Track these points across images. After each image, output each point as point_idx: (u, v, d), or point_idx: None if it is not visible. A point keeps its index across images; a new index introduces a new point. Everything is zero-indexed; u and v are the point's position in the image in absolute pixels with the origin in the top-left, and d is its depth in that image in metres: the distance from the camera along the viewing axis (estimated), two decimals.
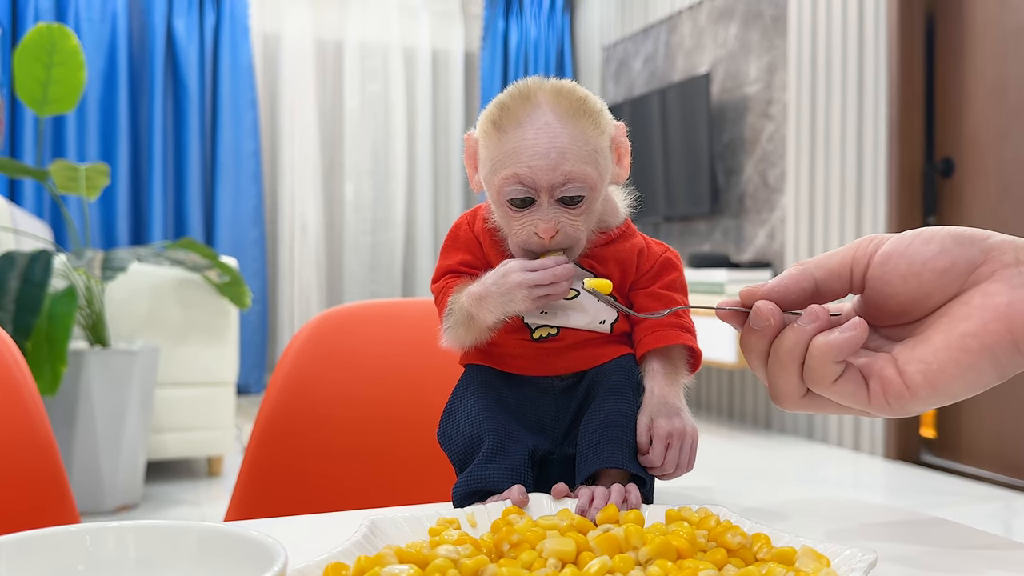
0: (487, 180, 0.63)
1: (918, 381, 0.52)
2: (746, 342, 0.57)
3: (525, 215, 0.61)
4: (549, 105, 0.61)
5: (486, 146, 0.63)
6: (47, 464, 0.93)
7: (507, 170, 0.61)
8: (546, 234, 0.61)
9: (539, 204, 0.61)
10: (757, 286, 0.56)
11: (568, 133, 0.61)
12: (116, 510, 2.75)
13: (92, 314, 2.80)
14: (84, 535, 0.45)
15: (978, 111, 3.36)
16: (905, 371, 0.52)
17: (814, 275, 0.55)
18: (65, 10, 4.79)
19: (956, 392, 0.51)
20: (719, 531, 0.50)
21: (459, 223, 0.69)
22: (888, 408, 0.53)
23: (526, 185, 0.60)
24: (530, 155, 0.60)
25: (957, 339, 0.51)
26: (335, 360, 1.03)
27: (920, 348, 0.53)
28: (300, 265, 5.43)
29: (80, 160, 4.74)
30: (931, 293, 0.53)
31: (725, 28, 4.50)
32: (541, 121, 0.61)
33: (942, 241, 0.53)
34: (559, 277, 0.59)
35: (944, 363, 0.51)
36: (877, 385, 0.53)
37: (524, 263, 0.60)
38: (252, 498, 0.98)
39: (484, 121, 0.64)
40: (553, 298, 0.60)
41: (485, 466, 0.61)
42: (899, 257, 0.53)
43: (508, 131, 0.61)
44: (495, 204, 0.64)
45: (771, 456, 3.68)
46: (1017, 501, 2.96)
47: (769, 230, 4.17)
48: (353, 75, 5.58)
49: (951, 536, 0.59)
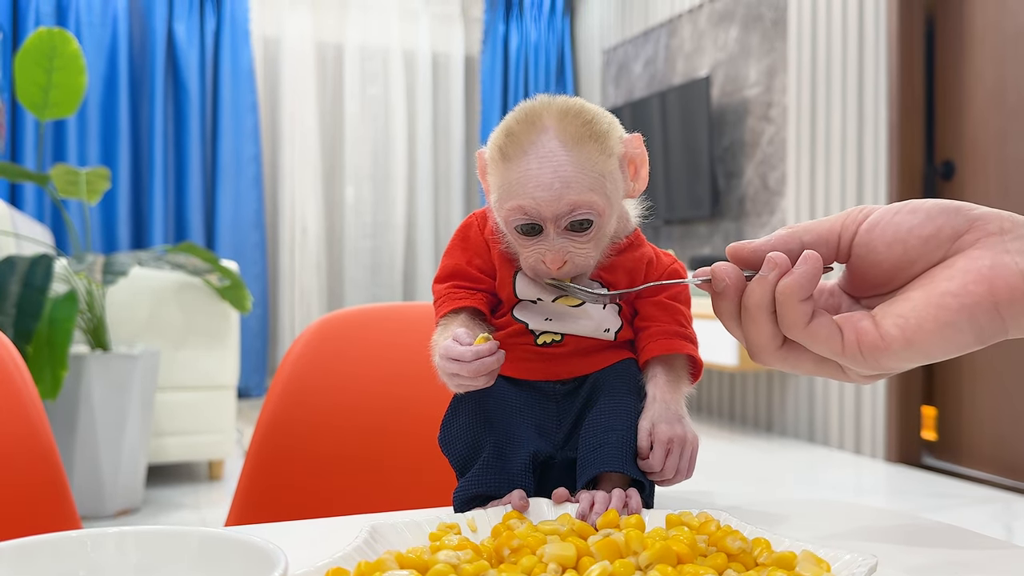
0: (496, 207, 0.63)
1: (894, 334, 0.52)
2: (716, 305, 0.57)
3: (534, 243, 0.62)
4: (555, 131, 0.61)
5: (493, 173, 0.63)
6: (48, 468, 0.93)
7: (512, 202, 0.61)
8: (553, 265, 0.61)
9: (546, 233, 0.61)
10: (744, 243, 0.57)
11: (573, 161, 0.60)
12: (117, 514, 2.75)
13: (93, 318, 2.80)
14: (85, 540, 0.45)
15: (978, 114, 3.36)
16: (882, 324, 0.52)
17: (802, 238, 0.56)
18: (66, 14, 4.80)
19: (932, 350, 0.51)
20: (719, 536, 0.50)
21: (469, 223, 0.69)
22: (862, 359, 0.53)
23: (531, 216, 0.61)
24: (534, 186, 0.60)
25: (937, 297, 0.51)
26: (336, 365, 1.03)
27: (899, 304, 0.53)
28: (301, 269, 5.44)
29: (81, 164, 4.74)
30: (915, 260, 0.53)
31: (725, 31, 4.51)
32: (545, 149, 0.60)
33: (928, 210, 0.53)
34: (476, 372, 0.59)
35: (922, 319, 0.51)
36: (852, 335, 0.53)
37: (449, 348, 0.59)
38: (253, 503, 0.98)
39: (492, 147, 0.63)
40: (474, 387, 0.60)
41: (486, 471, 0.61)
42: (885, 225, 0.54)
43: (513, 160, 0.61)
44: (505, 230, 0.64)
45: (772, 458, 3.68)
46: (1017, 503, 2.96)
47: (769, 233, 4.17)
48: (353, 79, 5.59)
49: (952, 540, 0.59)
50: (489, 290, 0.67)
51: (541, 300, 0.65)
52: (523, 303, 0.65)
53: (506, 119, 0.63)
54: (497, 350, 0.59)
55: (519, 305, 0.66)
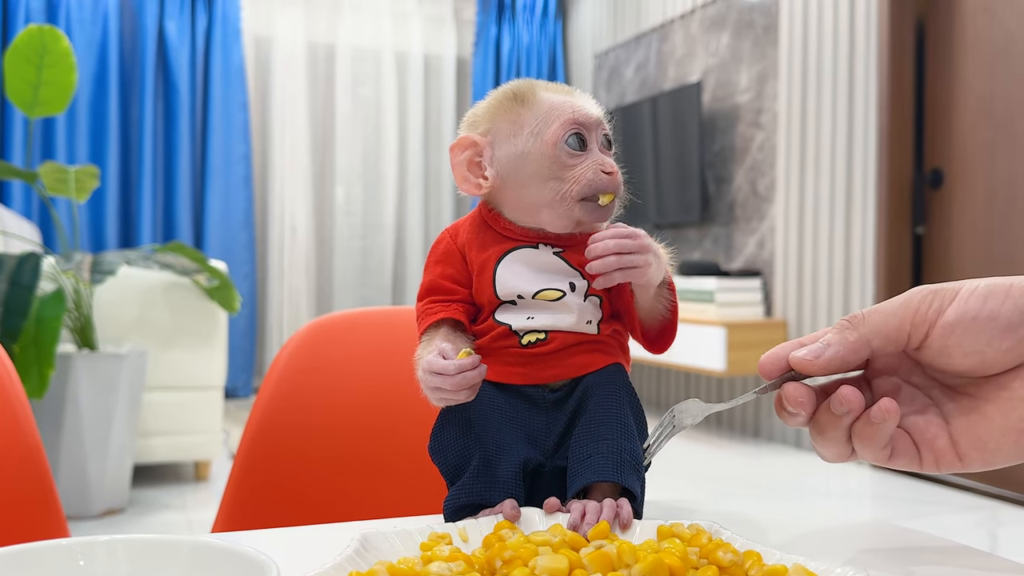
0: (531, 146, 0.65)
1: (972, 456, 0.52)
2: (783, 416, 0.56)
3: (583, 158, 0.64)
4: (547, 86, 0.67)
5: (513, 121, 0.66)
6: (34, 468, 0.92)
7: (562, 117, 0.64)
8: (613, 168, 0.64)
9: (590, 149, 0.65)
10: (813, 355, 0.54)
11: (580, 98, 0.67)
12: (102, 514, 2.74)
13: (80, 317, 2.79)
14: (75, 549, 0.45)
15: (967, 123, 3.38)
16: (959, 443, 0.53)
17: (871, 343, 0.54)
18: (56, 11, 4.78)
19: (1008, 463, 0.52)
20: (711, 548, 0.50)
21: (440, 238, 0.69)
22: (937, 471, 0.54)
23: (582, 125, 0.64)
24: (572, 105, 0.65)
25: (1016, 422, 0.51)
26: (325, 369, 1.03)
27: (977, 424, 0.53)
28: (290, 269, 5.42)
29: (70, 162, 4.72)
30: (992, 367, 0.52)
31: (717, 37, 4.52)
32: (557, 85, 0.67)
33: (1009, 318, 0.50)
34: (459, 386, 0.59)
35: (1000, 444, 0.52)
36: (930, 455, 0.54)
37: (432, 363, 0.60)
38: (241, 508, 0.98)
39: (498, 107, 0.67)
40: (455, 401, 0.61)
41: (476, 480, 0.61)
42: (963, 333, 0.51)
43: (536, 99, 0.66)
44: (546, 164, 0.64)
45: (759, 464, 3.69)
46: (1003, 511, 2.98)
47: (759, 239, 4.19)
48: (345, 79, 5.58)
49: (942, 552, 0.59)
50: (465, 300, 0.67)
51: (522, 298, 0.65)
52: (504, 305, 0.65)
53: (490, 98, 0.68)
54: (479, 364, 0.60)
55: (500, 307, 0.65)
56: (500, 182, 0.66)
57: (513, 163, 0.65)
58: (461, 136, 0.67)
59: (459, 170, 0.67)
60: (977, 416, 0.53)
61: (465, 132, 0.67)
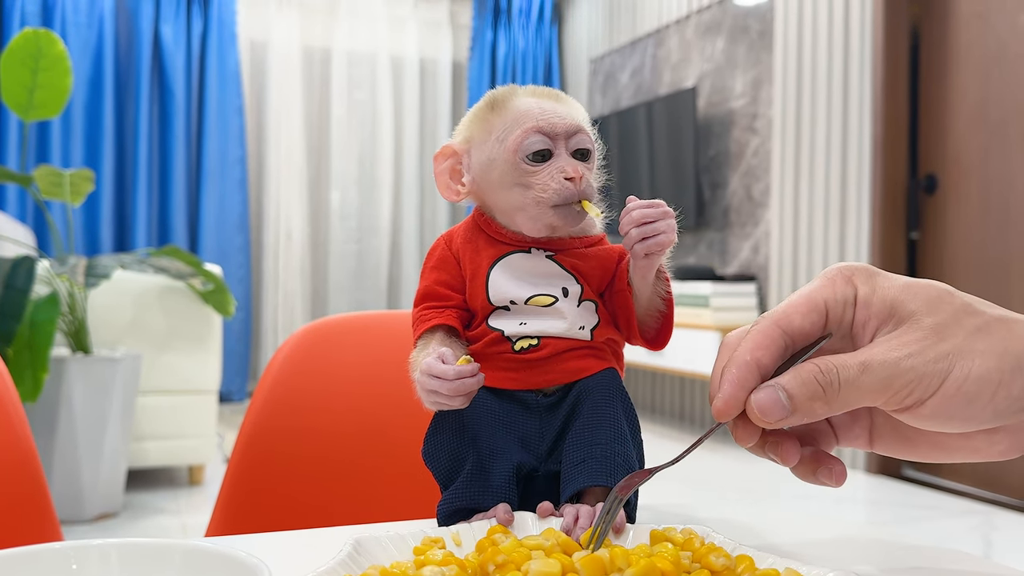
0: (496, 152, 0.64)
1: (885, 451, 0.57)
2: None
3: (546, 167, 0.63)
4: (532, 92, 0.66)
5: (485, 128, 0.65)
6: (27, 471, 0.92)
7: (526, 125, 0.64)
8: (576, 174, 0.63)
9: (557, 156, 0.63)
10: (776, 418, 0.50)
11: (563, 103, 0.66)
12: (96, 518, 2.73)
13: (74, 321, 2.78)
14: (68, 553, 0.45)
15: (961, 129, 3.39)
16: (875, 444, 0.57)
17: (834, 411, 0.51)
18: (52, 15, 4.77)
19: None
20: (703, 552, 0.50)
21: (436, 244, 0.70)
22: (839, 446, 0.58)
23: (545, 134, 0.63)
24: (539, 112, 0.64)
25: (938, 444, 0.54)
26: (319, 373, 1.03)
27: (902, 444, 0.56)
28: (285, 273, 5.42)
29: (65, 166, 4.72)
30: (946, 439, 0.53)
31: (712, 42, 4.53)
32: (538, 90, 0.66)
33: (989, 420, 0.48)
34: (455, 392, 0.59)
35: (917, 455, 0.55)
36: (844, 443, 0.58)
37: (431, 366, 0.59)
38: (235, 512, 0.98)
39: (474, 116, 0.67)
40: (449, 407, 0.60)
41: (469, 484, 0.61)
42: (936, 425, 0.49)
43: (507, 104, 0.65)
44: (509, 170, 0.64)
45: (752, 468, 3.69)
46: (997, 516, 2.98)
47: (754, 244, 4.19)
48: (340, 83, 5.58)
49: (936, 557, 0.59)
50: (459, 305, 0.67)
51: (515, 304, 0.65)
52: (497, 311, 0.65)
53: (474, 105, 0.67)
54: (478, 373, 0.60)
55: (493, 313, 0.66)
56: (477, 188, 0.66)
57: (483, 169, 0.66)
58: (443, 145, 0.68)
59: (441, 178, 0.68)
60: (905, 439, 0.55)
61: (450, 140, 0.68)
